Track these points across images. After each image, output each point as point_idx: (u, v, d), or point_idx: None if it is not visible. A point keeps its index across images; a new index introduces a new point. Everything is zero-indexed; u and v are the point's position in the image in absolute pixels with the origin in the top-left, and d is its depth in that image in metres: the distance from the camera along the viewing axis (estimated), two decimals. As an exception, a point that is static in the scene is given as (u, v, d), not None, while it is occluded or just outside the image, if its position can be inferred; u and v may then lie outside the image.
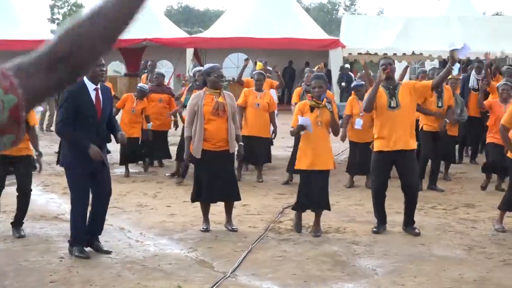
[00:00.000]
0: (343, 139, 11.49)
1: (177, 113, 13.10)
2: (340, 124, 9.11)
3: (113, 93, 8.46)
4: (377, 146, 8.38)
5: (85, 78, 7.15)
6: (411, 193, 8.45)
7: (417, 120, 10.82)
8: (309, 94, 8.54)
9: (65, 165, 7.36)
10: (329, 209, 8.43)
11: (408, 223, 8.45)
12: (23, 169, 7.99)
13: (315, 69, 14.25)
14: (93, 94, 7.13)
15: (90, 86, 7.12)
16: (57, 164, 11.68)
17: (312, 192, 8.24)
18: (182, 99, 12.32)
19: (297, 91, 12.51)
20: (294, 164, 11.47)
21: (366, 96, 8.42)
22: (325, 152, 8.27)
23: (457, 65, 8.18)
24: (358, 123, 11.37)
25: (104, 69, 7.35)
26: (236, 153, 8.44)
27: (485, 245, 7.90)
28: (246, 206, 9.66)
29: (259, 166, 12.36)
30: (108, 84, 15.19)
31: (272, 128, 12.22)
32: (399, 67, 25.85)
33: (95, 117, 7.13)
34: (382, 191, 8.47)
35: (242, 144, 8.58)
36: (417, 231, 8.36)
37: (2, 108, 1.46)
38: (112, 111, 7.60)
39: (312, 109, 8.21)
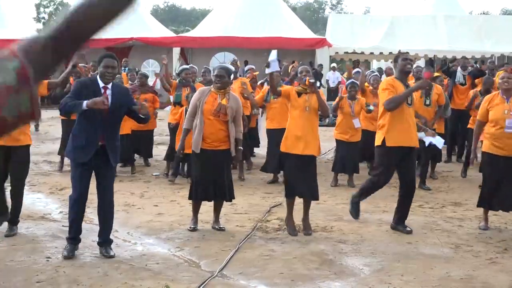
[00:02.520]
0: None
1: (157, 113, 13.27)
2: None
3: None
4: (392, 141, 8.23)
5: (98, 77, 7.16)
6: (412, 190, 8.46)
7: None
8: (295, 81, 8.54)
9: (67, 155, 7.39)
10: (317, 198, 8.40)
11: (401, 221, 8.45)
12: (20, 160, 8.02)
13: (289, 69, 14.20)
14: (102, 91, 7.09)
15: (100, 84, 7.08)
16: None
17: (301, 178, 8.19)
18: (172, 93, 12.33)
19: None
20: (270, 164, 11.55)
21: (388, 93, 8.18)
22: (313, 138, 8.22)
23: (441, 140, 8.47)
24: (357, 122, 11.46)
25: (111, 71, 7.17)
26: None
27: (472, 244, 7.93)
28: (233, 205, 9.65)
29: (240, 164, 12.25)
30: None
31: (261, 129, 12.13)
32: (384, 66, 25.99)
33: (100, 113, 6.98)
34: (383, 186, 8.51)
35: (241, 149, 8.47)
36: (408, 229, 8.37)
37: (8, 70, 1.68)
38: (133, 110, 7.36)
39: (299, 95, 8.22)
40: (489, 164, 8.52)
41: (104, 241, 7.29)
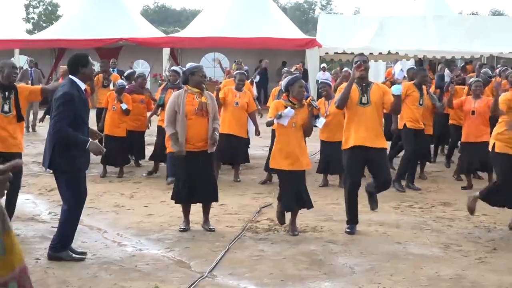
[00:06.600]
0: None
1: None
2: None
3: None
4: (346, 142, 8.29)
5: (74, 78, 6.88)
6: (384, 189, 8.47)
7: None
8: (284, 94, 8.44)
9: (62, 168, 6.89)
10: (312, 206, 8.43)
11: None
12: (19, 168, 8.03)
13: (292, 69, 14.28)
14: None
15: (82, 86, 6.95)
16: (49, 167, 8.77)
17: (293, 191, 8.22)
18: (156, 97, 12.25)
19: (273, 92, 12.25)
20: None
21: (339, 93, 8.32)
22: (301, 153, 8.24)
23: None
24: (321, 122, 10.95)
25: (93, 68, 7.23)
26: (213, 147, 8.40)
27: (461, 243, 7.95)
28: (223, 206, 9.65)
29: (237, 166, 12.33)
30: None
31: (252, 129, 12.15)
32: (374, 66, 26.07)
33: (88, 116, 7.02)
34: (356, 190, 8.37)
35: (217, 134, 8.36)
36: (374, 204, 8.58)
37: None
38: None
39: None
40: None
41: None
